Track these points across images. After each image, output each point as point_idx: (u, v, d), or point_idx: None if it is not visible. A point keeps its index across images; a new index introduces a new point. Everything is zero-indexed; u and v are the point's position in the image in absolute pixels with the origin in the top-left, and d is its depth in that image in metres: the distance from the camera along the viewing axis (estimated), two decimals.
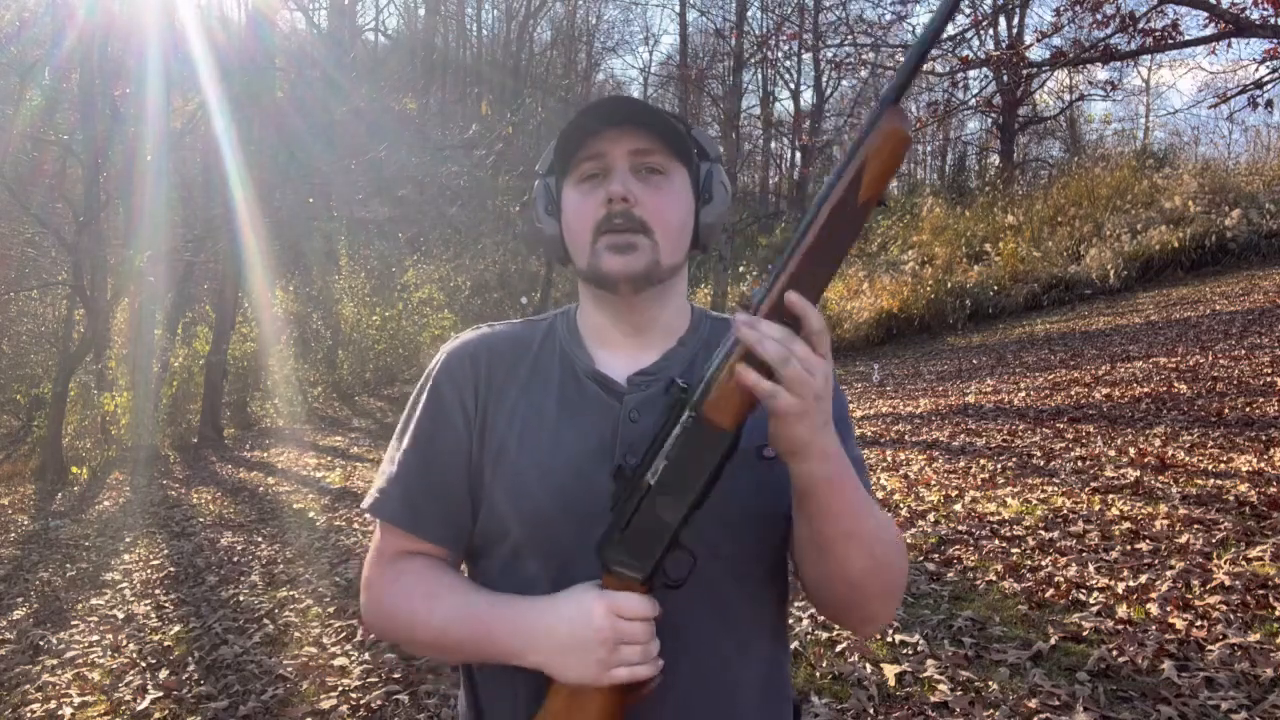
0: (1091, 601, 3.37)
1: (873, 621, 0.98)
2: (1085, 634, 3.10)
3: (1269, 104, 6.91)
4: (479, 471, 1.01)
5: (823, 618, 3.46)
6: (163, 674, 3.66)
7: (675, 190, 1.00)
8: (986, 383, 9.15)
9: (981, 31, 16.89)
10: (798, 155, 28.20)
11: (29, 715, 3.48)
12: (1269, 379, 6.74)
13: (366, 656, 3.72)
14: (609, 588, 0.88)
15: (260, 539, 6.56)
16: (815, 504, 0.85)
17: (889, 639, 3.26)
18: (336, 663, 3.71)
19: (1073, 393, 7.70)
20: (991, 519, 4.55)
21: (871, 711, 2.77)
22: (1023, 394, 8.07)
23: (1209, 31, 6.97)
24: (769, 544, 0.99)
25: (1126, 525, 4.11)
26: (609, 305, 1.02)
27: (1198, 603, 3.22)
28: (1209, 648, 2.89)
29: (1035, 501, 4.72)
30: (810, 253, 0.79)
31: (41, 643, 4.46)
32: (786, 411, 0.77)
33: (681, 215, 1.00)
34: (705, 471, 0.84)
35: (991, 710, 2.68)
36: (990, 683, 2.85)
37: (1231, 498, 4.27)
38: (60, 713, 3.47)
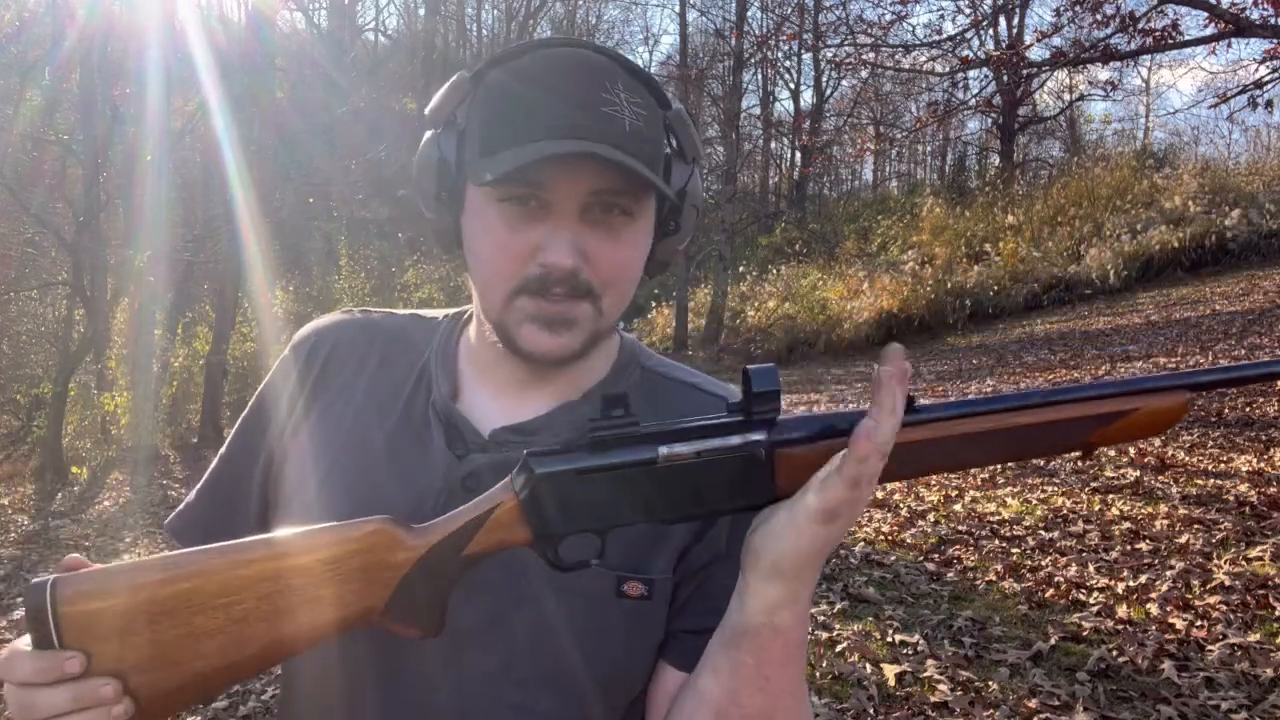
0: (1091, 601, 3.38)
1: None
2: (1085, 634, 3.10)
3: (1269, 104, 6.92)
4: (274, 504, 0.79)
5: (823, 616, 3.47)
6: None
7: (638, 239, 0.71)
8: (986, 383, 9.14)
9: (981, 31, 16.89)
10: (798, 155, 28.25)
11: None
12: None
13: None
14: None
15: None
16: (754, 654, 0.63)
17: (889, 639, 3.26)
18: None
19: None
20: (991, 519, 4.55)
21: (871, 711, 2.77)
22: None
23: (1209, 31, 6.99)
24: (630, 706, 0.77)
25: (1126, 525, 4.11)
26: (508, 353, 0.73)
27: (1198, 603, 3.22)
28: (1209, 648, 2.90)
29: (1035, 501, 4.72)
30: (988, 432, 0.64)
31: None
32: (840, 506, 0.59)
33: (638, 266, 0.73)
34: (721, 504, 0.64)
35: (991, 710, 2.68)
36: (990, 683, 2.85)
37: (1231, 498, 4.27)
38: None
